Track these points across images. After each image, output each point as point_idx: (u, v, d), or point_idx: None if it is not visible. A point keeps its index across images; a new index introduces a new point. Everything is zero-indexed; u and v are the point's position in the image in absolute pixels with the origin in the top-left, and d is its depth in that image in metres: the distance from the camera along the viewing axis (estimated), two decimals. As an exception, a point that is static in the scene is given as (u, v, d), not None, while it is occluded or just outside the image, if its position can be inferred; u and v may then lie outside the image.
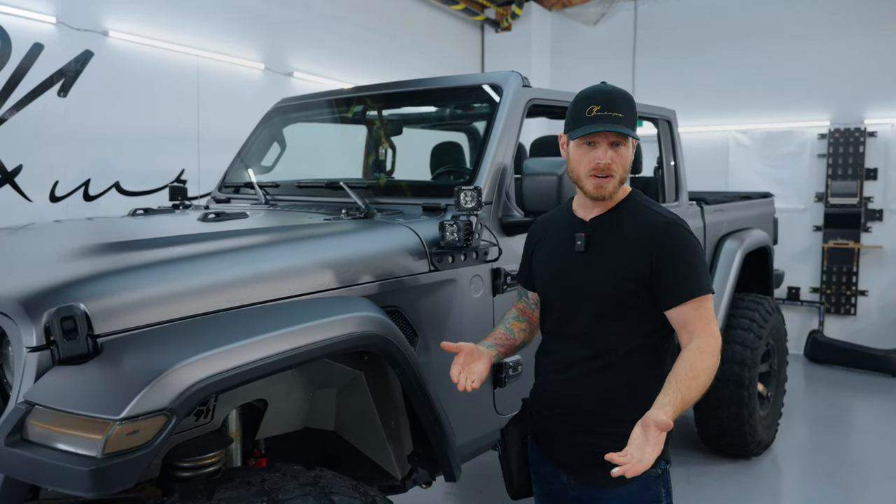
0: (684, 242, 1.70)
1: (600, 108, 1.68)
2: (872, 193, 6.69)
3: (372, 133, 3.56)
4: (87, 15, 4.22)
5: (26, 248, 2.17)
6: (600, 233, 1.77)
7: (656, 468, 1.75)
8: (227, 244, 1.86)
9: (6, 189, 3.91)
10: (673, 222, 1.73)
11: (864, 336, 6.71)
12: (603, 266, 1.74)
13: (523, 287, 2.02)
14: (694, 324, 1.65)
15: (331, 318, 1.70)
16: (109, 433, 1.26)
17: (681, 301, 1.66)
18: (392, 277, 2.09)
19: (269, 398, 1.98)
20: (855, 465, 4.33)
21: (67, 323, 1.40)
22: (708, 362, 1.60)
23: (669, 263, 1.67)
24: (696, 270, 1.69)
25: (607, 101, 1.69)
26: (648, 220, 1.74)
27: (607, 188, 1.71)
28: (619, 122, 1.67)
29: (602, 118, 1.67)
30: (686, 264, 1.68)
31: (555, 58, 8.39)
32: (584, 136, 1.70)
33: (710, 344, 1.63)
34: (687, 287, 1.66)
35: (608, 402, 1.75)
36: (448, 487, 3.91)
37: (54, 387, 1.36)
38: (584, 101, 1.72)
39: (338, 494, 1.55)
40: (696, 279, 1.67)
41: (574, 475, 1.82)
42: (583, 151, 1.72)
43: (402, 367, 1.87)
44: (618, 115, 1.67)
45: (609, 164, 1.69)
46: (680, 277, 1.67)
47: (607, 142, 1.70)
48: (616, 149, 1.70)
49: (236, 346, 1.47)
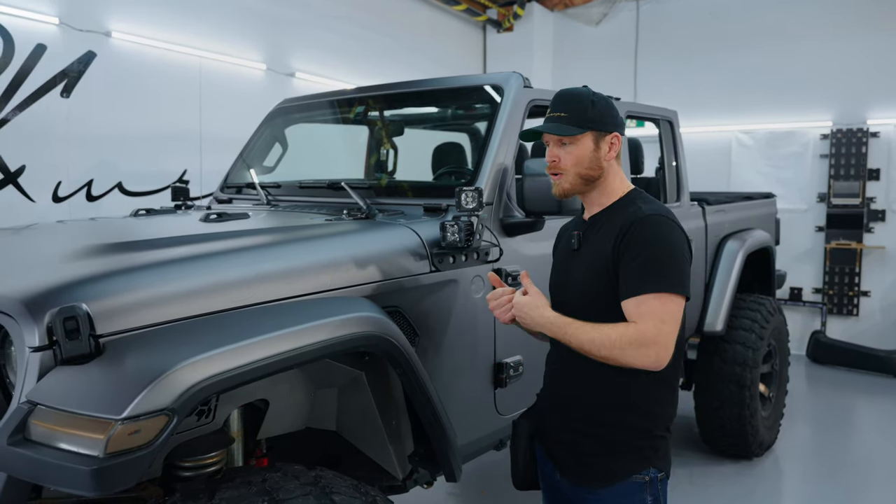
0: (649, 238, 1.64)
1: (551, 110, 1.80)
2: (875, 194, 6.68)
3: (374, 134, 3.56)
4: (89, 16, 4.24)
5: (29, 249, 2.17)
6: (591, 231, 1.81)
7: (643, 474, 1.73)
8: (228, 245, 1.87)
9: (9, 189, 3.92)
10: (652, 215, 1.68)
11: (866, 337, 6.71)
12: (586, 262, 1.78)
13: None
14: (634, 319, 1.61)
15: (332, 318, 1.70)
16: (111, 433, 1.26)
17: (627, 296, 1.62)
18: (393, 278, 2.09)
19: (271, 398, 1.99)
20: (857, 466, 4.33)
21: (70, 323, 1.40)
22: (613, 333, 1.59)
23: (628, 257, 1.65)
24: (658, 268, 1.61)
25: (554, 105, 1.80)
26: (629, 213, 1.72)
27: (561, 185, 1.79)
28: (559, 121, 1.75)
29: (549, 119, 1.79)
30: (647, 259, 1.62)
31: (557, 58, 8.40)
32: (541, 138, 1.83)
33: (627, 330, 1.58)
34: (633, 285, 1.62)
35: (595, 403, 1.76)
36: (449, 488, 3.92)
37: (56, 386, 1.37)
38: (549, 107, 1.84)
39: (338, 494, 1.56)
40: (652, 278, 1.60)
41: (561, 472, 1.84)
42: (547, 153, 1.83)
43: (402, 368, 1.87)
44: (560, 114, 1.76)
45: (555, 160, 1.77)
46: (634, 271, 1.63)
47: (553, 141, 1.78)
48: (564, 147, 1.76)
49: (238, 347, 1.48)
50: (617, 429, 1.73)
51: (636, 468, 1.73)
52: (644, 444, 1.74)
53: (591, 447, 1.76)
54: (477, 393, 2.44)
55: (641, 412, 1.73)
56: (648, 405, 1.74)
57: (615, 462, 1.74)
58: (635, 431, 1.73)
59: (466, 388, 2.38)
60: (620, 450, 1.73)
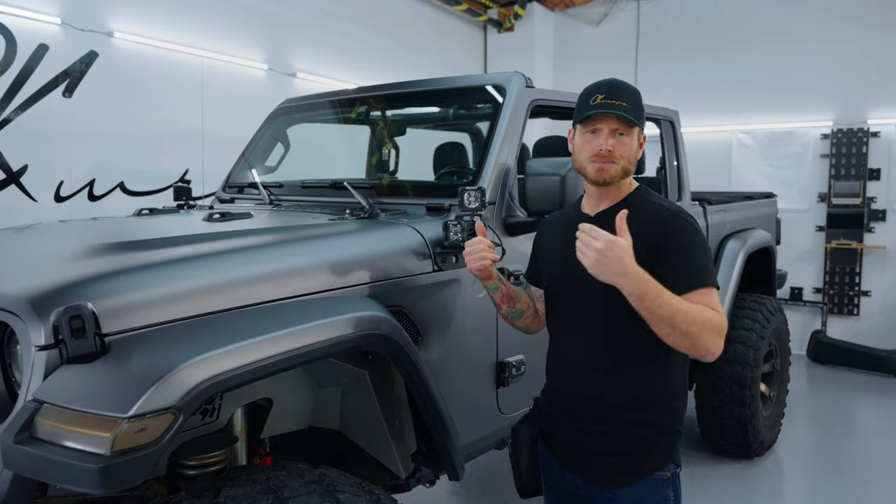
0: (687, 233, 1.68)
1: (604, 96, 1.71)
2: (875, 194, 6.69)
3: (375, 133, 3.57)
4: (91, 16, 4.25)
5: (33, 248, 2.18)
6: (605, 226, 1.73)
7: (665, 471, 1.74)
8: (232, 244, 1.87)
9: (11, 189, 3.93)
10: (677, 213, 1.72)
11: (867, 336, 6.71)
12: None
13: (528, 283, 2.06)
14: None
15: (335, 317, 1.71)
16: (118, 431, 1.27)
17: (684, 291, 1.62)
18: (396, 277, 2.10)
19: (274, 397, 2.00)
20: (857, 466, 4.33)
21: (75, 322, 1.41)
22: (704, 313, 1.56)
23: (672, 254, 1.65)
24: (699, 261, 1.66)
25: (610, 91, 1.72)
26: (652, 211, 1.73)
27: (609, 171, 1.72)
28: (621, 108, 1.69)
29: (604, 105, 1.70)
30: (688, 255, 1.66)
31: (557, 58, 8.40)
32: (586, 122, 1.73)
33: (712, 315, 1.58)
34: (690, 277, 1.63)
35: (613, 401, 1.74)
36: (451, 486, 3.92)
37: (63, 385, 1.37)
38: (589, 92, 1.76)
39: (343, 493, 1.56)
40: (699, 270, 1.64)
41: (579, 474, 1.81)
42: (586, 139, 1.75)
43: (406, 367, 1.87)
44: (621, 103, 1.69)
45: (611, 150, 1.70)
46: (682, 268, 1.64)
47: (609, 128, 1.71)
48: (619, 138, 1.71)
49: (242, 345, 1.48)
50: (640, 426, 1.72)
51: (659, 465, 1.74)
52: (665, 440, 1.75)
53: (613, 447, 1.73)
54: (479, 392, 2.44)
55: (662, 407, 1.74)
56: (668, 399, 1.75)
57: (640, 460, 1.73)
58: (657, 427, 1.74)
59: (469, 387, 2.39)
60: (644, 447, 1.73)
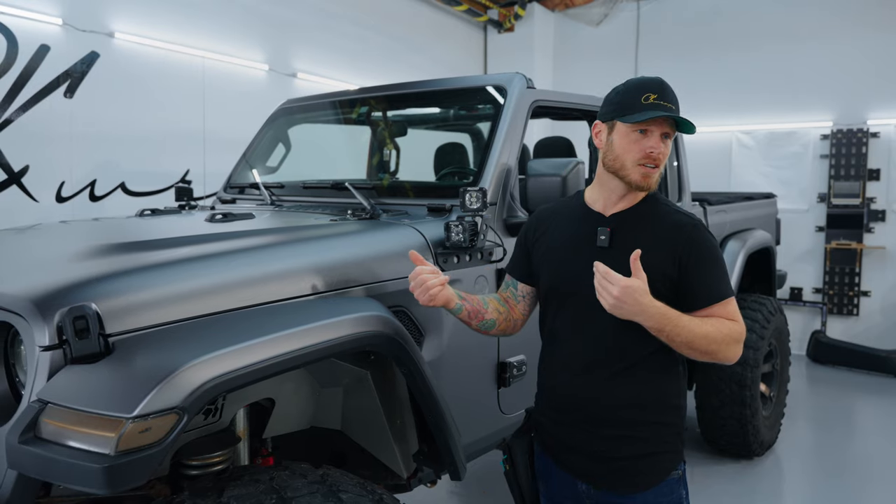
0: (712, 246, 1.71)
1: (657, 96, 1.65)
2: (875, 194, 6.69)
3: (376, 134, 3.58)
4: (92, 16, 4.25)
5: (35, 249, 2.18)
6: (625, 229, 1.72)
7: (678, 469, 1.75)
8: (235, 245, 1.88)
9: (13, 189, 3.94)
10: (699, 225, 1.73)
11: (866, 337, 6.72)
12: (628, 262, 1.65)
13: (514, 278, 1.94)
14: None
15: (338, 317, 1.71)
16: (122, 431, 1.27)
17: (708, 303, 1.66)
18: (398, 278, 2.11)
19: (277, 397, 2.00)
20: (857, 466, 4.34)
21: (79, 322, 1.42)
22: (722, 327, 1.61)
23: (699, 266, 1.67)
24: (723, 274, 1.70)
25: (662, 91, 1.66)
26: (675, 220, 1.72)
27: (653, 178, 1.68)
28: (673, 112, 1.65)
29: (660, 106, 1.64)
30: (715, 268, 1.69)
31: (557, 59, 8.41)
32: (640, 122, 1.65)
33: (731, 325, 1.63)
34: (716, 290, 1.67)
35: (628, 405, 1.71)
36: (452, 486, 3.93)
37: (67, 385, 1.38)
38: (638, 88, 1.68)
39: (345, 492, 1.57)
40: (722, 282, 1.69)
41: (594, 484, 1.76)
42: (633, 139, 1.67)
43: (408, 367, 1.88)
44: (672, 105, 1.66)
45: (661, 154, 1.67)
46: (709, 280, 1.67)
47: (661, 131, 1.67)
48: (665, 141, 1.68)
49: (246, 346, 1.49)
50: (655, 428, 1.72)
51: (673, 465, 1.74)
52: (676, 440, 1.76)
53: (630, 451, 1.71)
54: (481, 392, 2.45)
55: (672, 407, 1.74)
56: (677, 399, 1.76)
57: (657, 462, 1.73)
58: (670, 427, 1.74)
59: (470, 388, 2.39)
60: (662, 449, 1.73)
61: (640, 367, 1.70)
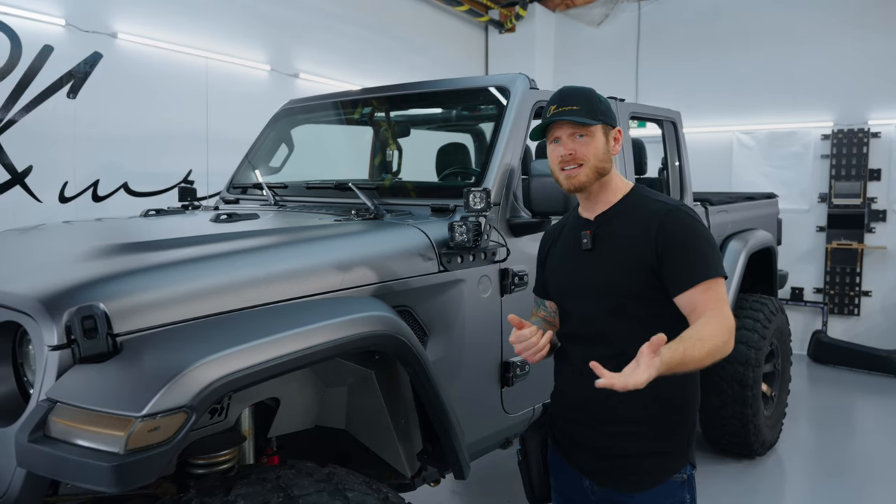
0: (688, 227, 1.70)
1: (556, 106, 1.77)
2: (876, 194, 6.70)
3: (379, 135, 3.59)
4: (95, 17, 4.26)
5: (42, 249, 2.19)
6: (605, 228, 1.78)
7: (682, 472, 1.75)
8: (241, 245, 1.89)
9: (16, 190, 3.94)
10: (676, 208, 1.74)
11: (867, 336, 6.73)
12: (611, 259, 1.75)
13: (540, 297, 2.01)
14: (704, 305, 1.63)
15: (344, 317, 1.72)
16: (131, 430, 1.29)
17: (688, 285, 1.64)
18: (403, 277, 2.12)
19: (282, 396, 2.01)
20: (859, 465, 4.35)
21: (88, 322, 1.43)
22: (714, 330, 1.57)
23: (675, 249, 1.67)
24: (703, 254, 1.68)
25: (560, 99, 1.77)
26: (652, 208, 1.75)
27: (578, 177, 1.75)
28: (572, 113, 1.73)
29: (557, 113, 1.75)
30: (690, 248, 1.67)
31: (558, 59, 8.42)
32: (548, 135, 1.79)
33: (720, 321, 1.60)
34: (693, 270, 1.65)
35: (628, 402, 1.70)
36: (453, 486, 3.94)
37: (76, 384, 1.39)
38: (545, 107, 1.82)
39: (352, 491, 1.58)
40: (702, 262, 1.66)
41: (597, 480, 1.80)
42: (551, 150, 1.80)
43: (414, 367, 1.89)
44: (571, 108, 1.74)
45: (571, 153, 1.74)
46: (685, 262, 1.66)
47: (567, 134, 1.76)
48: (579, 140, 1.75)
49: (253, 345, 1.50)
50: (658, 427, 1.73)
51: (677, 466, 1.75)
52: (682, 440, 1.77)
53: (633, 449, 1.73)
54: (484, 392, 2.46)
55: (677, 407, 1.75)
56: (686, 398, 1.77)
57: (660, 463, 1.74)
58: (674, 427, 1.75)
59: (474, 387, 2.40)
60: (664, 449, 1.74)
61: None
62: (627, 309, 1.73)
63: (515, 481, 2.06)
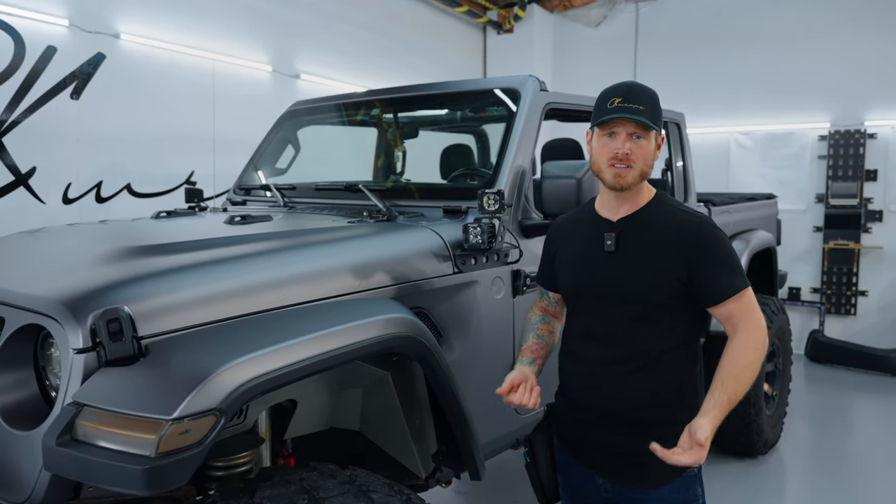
0: (719, 241, 1.74)
1: (621, 99, 1.71)
2: (872, 194, 6.75)
3: (385, 136, 3.59)
4: (99, 18, 4.24)
5: (55, 252, 2.18)
6: (630, 233, 1.77)
7: (694, 467, 1.77)
8: (261, 247, 1.89)
9: (20, 191, 3.93)
10: (707, 223, 1.76)
11: (864, 336, 6.78)
12: (637, 267, 1.74)
13: (544, 289, 2.03)
14: (738, 316, 1.70)
15: (368, 319, 1.73)
16: (163, 433, 1.29)
17: (723, 298, 1.70)
18: (418, 279, 2.12)
19: (299, 398, 2.01)
20: (859, 463, 4.39)
21: (113, 325, 1.42)
22: (751, 356, 1.66)
23: (709, 264, 1.70)
24: (733, 267, 1.73)
25: (628, 94, 1.72)
26: (680, 220, 1.76)
27: (626, 178, 1.72)
28: (638, 113, 1.69)
29: (622, 108, 1.70)
30: (724, 263, 1.72)
31: (557, 60, 8.44)
32: (603, 125, 1.73)
33: (754, 336, 1.68)
34: (728, 285, 1.70)
35: (644, 403, 1.76)
36: (457, 486, 3.94)
37: (103, 388, 1.39)
38: (607, 95, 1.76)
39: (375, 492, 1.58)
40: (735, 276, 1.71)
41: (611, 478, 1.82)
42: (603, 142, 1.75)
43: (432, 368, 1.89)
44: (638, 107, 1.70)
45: (628, 153, 1.71)
46: (720, 277, 1.70)
47: (626, 132, 1.72)
48: (636, 141, 1.72)
49: (280, 348, 1.50)
50: (671, 425, 1.73)
51: None
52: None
53: (644, 447, 1.71)
54: (496, 394, 2.46)
55: (688, 405, 1.76)
56: (695, 397, 1.79)
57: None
58: (686, 424, 1.76)
59: (487, 388, 2.39)
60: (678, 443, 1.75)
61: (656, 364, 1.75)
62: (650, 315, 1.74)
63: (519, 481, 2.06)
